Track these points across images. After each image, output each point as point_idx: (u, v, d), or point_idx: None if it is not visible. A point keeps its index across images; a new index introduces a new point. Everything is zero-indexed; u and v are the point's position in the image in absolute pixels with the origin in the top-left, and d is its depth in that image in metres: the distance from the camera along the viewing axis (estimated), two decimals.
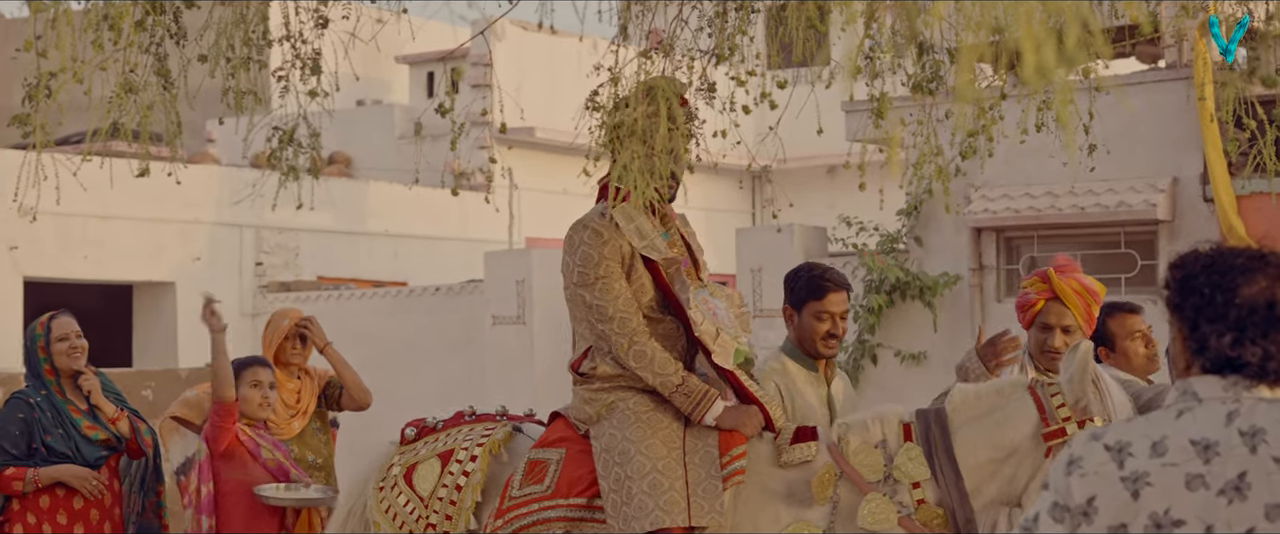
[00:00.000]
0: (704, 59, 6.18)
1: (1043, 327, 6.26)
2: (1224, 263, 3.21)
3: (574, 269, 5.76)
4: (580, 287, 5.74)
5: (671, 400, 5.66)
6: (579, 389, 5.86)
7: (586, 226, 5.79)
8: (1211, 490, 3.05)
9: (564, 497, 5.70)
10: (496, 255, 17.28)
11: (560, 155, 18.51)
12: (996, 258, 14.15)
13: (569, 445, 5.81)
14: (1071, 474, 3.16)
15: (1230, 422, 3.10)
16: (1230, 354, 3.15)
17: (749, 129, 6.15)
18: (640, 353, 5.65)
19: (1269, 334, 3.13)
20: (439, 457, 6.08)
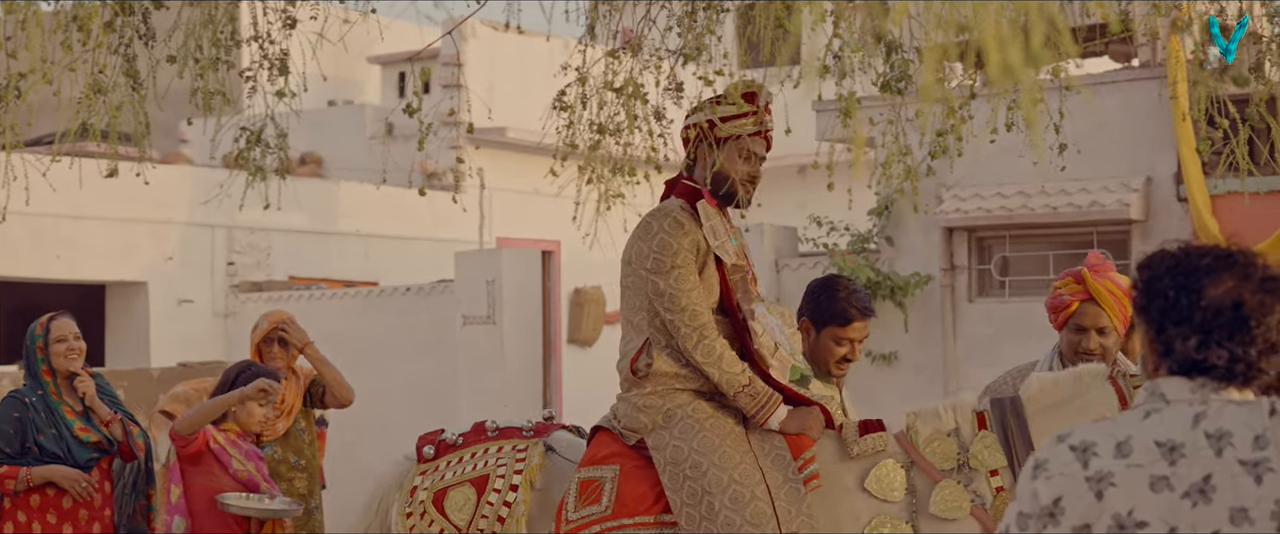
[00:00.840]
0: (672, 59, 6.17)
1: (1077, 328, 6.19)
2: (1189, 264, 3.19)
3: (649, 256, 5.53)
4: (654, 273, 5.51)
5: (736, 401, 5.47)
6: (630, 396, 5.63)
7: (667, 215, 5.58)
8: (1176, 492, 3.04)
9: (630, 515, 5.48)
10: (467, 255, 17.25)
11: (531, 155, 18.47)
12: (968, 258, 14.15)
13: (623, 461, 5.58)
14: (1036, 478, 3.15)
15: (1197, 424, 3.08)
16: (1196, 357, 3.13)
17: None
18: (709, 348, 5.44)
19: (1235, 336, 3.11)
20: (472, 483, 5.81)
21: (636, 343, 5.62)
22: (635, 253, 5.59)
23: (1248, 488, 3.01)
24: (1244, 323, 3.10)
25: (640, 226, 5.62)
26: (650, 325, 5.56)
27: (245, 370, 7.67)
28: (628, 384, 5.64)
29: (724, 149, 5.63)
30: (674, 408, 5.52)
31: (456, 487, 5.82)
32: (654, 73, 5.94)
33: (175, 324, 17.82)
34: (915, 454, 5.47)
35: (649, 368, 5.55)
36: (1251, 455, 3.03)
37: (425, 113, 6.34)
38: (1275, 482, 3.00)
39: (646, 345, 5.58)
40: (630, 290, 5.64)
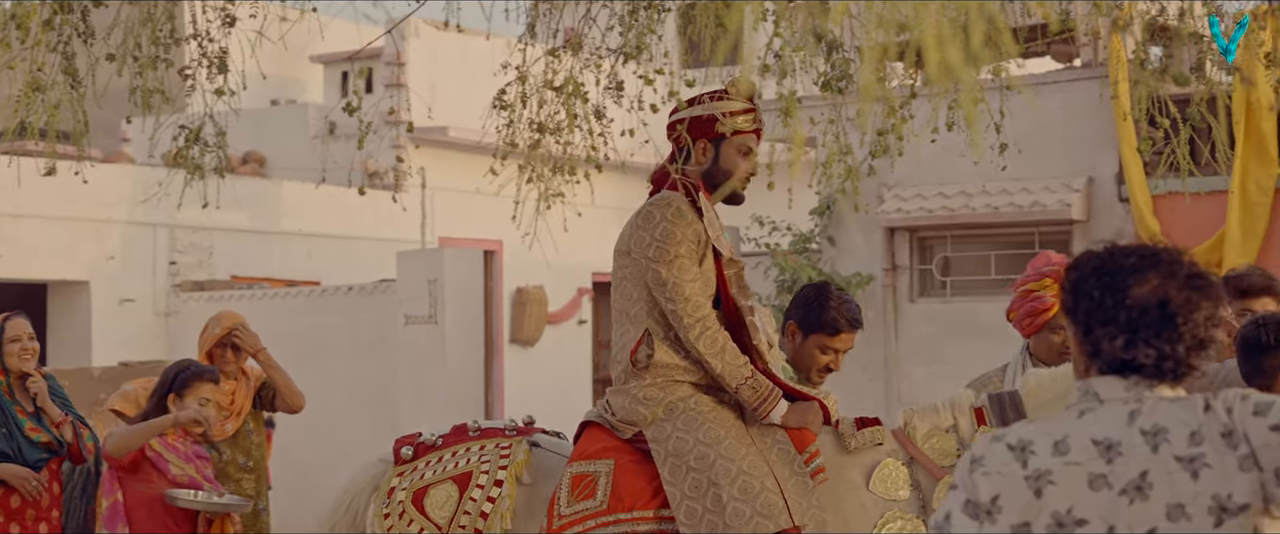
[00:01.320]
0: (613, 58, 6.16)
1: (1058, 328, 6.17)
2: (1114, 264, 3.21)
3: (651, 244, 5.44)
4: (656, 261, 5.42)
5: (738, 394, 5.42)
6: (628, 388, 5.54)
7: (670, 204, 5.48)
8: (1114, 490, 3.06)
9: (626, 510, 5.40)
10: (409, 255, 17.21)
11: (473, 154, 18.42)
12: (909, 258, 14.20)
13: (617, 455, 5.51)
14: (975, 472, 3.16)
15: (1132, 421, 3.10)
16: (1124, 356, 3.15)
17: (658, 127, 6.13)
18: (712, 339, 5.37)
19: (1162, 333, 3.13)
20: (454, 480, 5.72)
21: (634, 334, 5.54)
22: (636, 241, 5.51)
23: (1184, 484, 3.03)
24: (1170, 320, 3.13)
25: (641, 216, 5.52)
26: (649, 316, 5.50)
27: (183, 370, 7.62)
28: (625, 376, 5.56)
29: (724, 145, 5.59)
30: (675, 401, 5.47)
31: (437, 485, 5.73)
32: (594, 72, 5.92)
33: (117, 323, 17.71)
34: (914, 451, 5.46)
35: (649, 359, 5.49)
36: (1187, 452, 3.05)
37: (366, 112, 6.31)
38: (1211, 477, 3.02)
39: (646, 336, 5.51)
40: (628, 281, 5.56)
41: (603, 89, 5.88)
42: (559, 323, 20.36)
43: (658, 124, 5.87)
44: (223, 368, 8.22)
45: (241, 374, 8.38)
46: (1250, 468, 3.03)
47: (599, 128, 6.22)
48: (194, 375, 7.54)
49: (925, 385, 14.05)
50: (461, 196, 20.11)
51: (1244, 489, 3.01)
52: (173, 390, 7.49)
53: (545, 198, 6.75)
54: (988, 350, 13.68)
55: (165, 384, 7.57)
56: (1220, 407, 3.10)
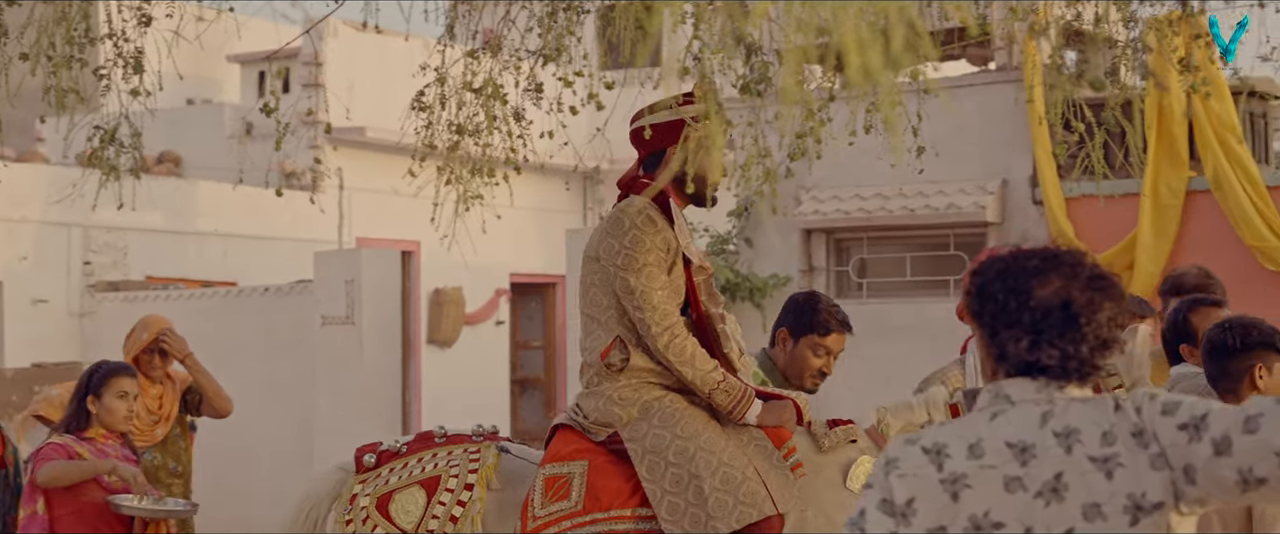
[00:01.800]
0: (532, 60, 6.15)
1: None
2: (1017, 266, 3.24)
3: (620, 251, 5.41)
4: (624, 269, 5.39)
5: (711, 399, 5.40)
6: (601, 389, 5.52)
7: (640, 211, 5.46)
8: (1029, 492, 3.08)
9: (603, 509, 5.38)
10: (326, 255, 17.11)
11: (390, 155, 18.35)
12: (826, 259, 14.24)
13: (591, 456, 5.48)
14: (890, 474, 3.18)
15: (1045, 423, 3.13)
16: (1029, 357, 3.18)
17: (577, 130, 6.12)
18: (681, 348, 5.35)
19: (1065, 334, 3.16)
20: (421, 485, 5.67)
21: (604, 339, 5.52)
22: (605, 248, 5.48)
23: (1099, 484, 3.06)
24: (1073, 321, 3.16)
25: (610, 222, 5.50)
26: (620, 323, 5.48)
27: (97, 370, 7.53)
28: (598, 378, 5.53)
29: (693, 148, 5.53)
30: (650, 400, 5.45)
31: (403, 490, 5.67)
32: (514, 74, 5.90)
33: (29, 324, 17.51)
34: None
35: (625, 362, 5.46)
36: (1100, 451, 3.08)
37: (284, 112, 6.27)
38: (1125, 476, 3.05)
39: (618, 341, 5.48)
40: (597, 287, 5.54)
41: (522, 91, 5.86)
42: (476, 324, 20.32)
43: (577, 126, 5.86)
44: (149, 373, 8.13)
45: (167, 379, 8.30)
46: (1162, 467, 3.07)
47: (518, 130, 6.21)
48: (109, 373, 7.45)
49: (841, 386, 14.06)
50: (379, 197, 20.03)
51: (1157, 487, 3.05)
52: (90, 392, 7.39)
53: (464, 199, 6.73)
54: (903, 351, 13.76)
55: (83, 388, 7.47)
56: (1130, 407, 3.14)
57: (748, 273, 14.25)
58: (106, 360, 7.73)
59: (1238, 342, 5.17)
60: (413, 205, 18.81)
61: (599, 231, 5.54)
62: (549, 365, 21.92)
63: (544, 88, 6.02)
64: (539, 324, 22.15)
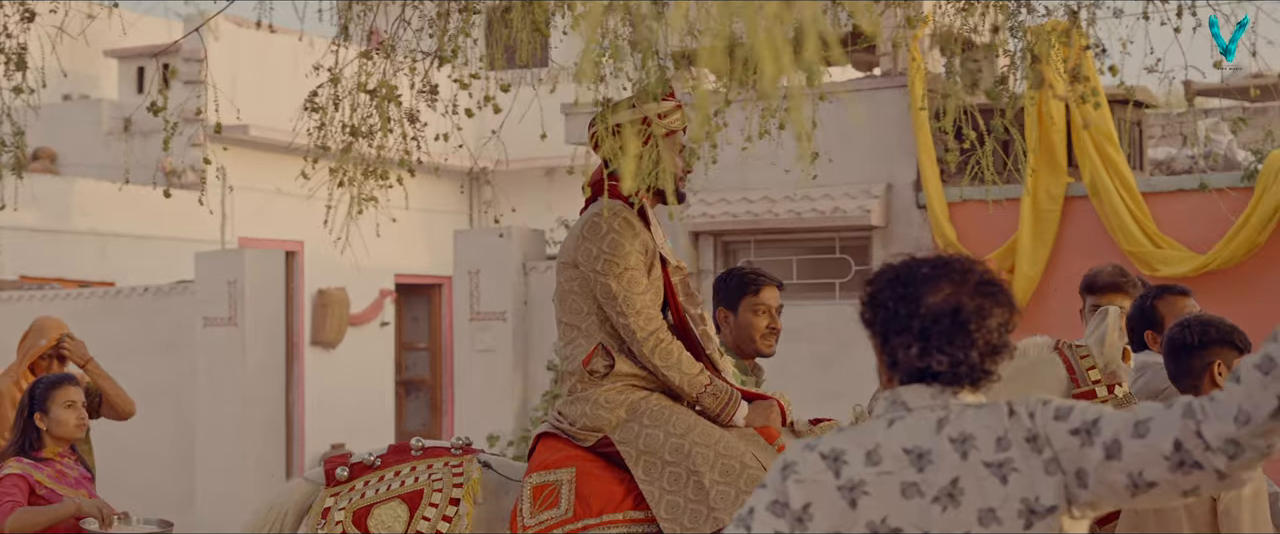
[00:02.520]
0: (427, 61, 6.11)
1: None
2: (908, 274, 3.28)
3: (599, 256, 5.38)
4: (605, 275, 5.35)
5: (699, 402, 5.39)
6: (587, 394, 5.46)
7: (617, 214, 5.45)
8: (926, 498, 3.11)
9: (595, 515, 5.32)
10: (207, 256, 16.95)
11: (274, 154, 18.20)
12: (714, 262, 14.27)
13: (578, 462, 5.43)
14: (787, 479, 3.20)
15: (940, 429, 3.16)
16: (919, 365, 3.22)
17: (468, 131, 6.08)
18: (666, 351, 5.33)
19: (954, 341, 3.19)
20: (402, 499, 5.55)
21: (584, 346, 5.46)
22: (583, 254, 5.43)
23: (994, 489, 3.09)
24: (963, 327, 3.19)
25: (588, 226, 5.45)
26: (602, 329, 5.43)
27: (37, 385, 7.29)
28: (580, 385, 5.47)
29: (662, 145, 5.51)
30: (637, 401, 5.41)
31: (382, 504, 5.56)
32: (409, 75, 5.86)
33: None
34: None
35: (609, 368, 5.42)
36: (995, 457, 3.12)
37: (168, 110, 6.18)
38: (1019, 481, 3.09)
39: (600, 348, 5.43)
40: (575, 293, 5.48)
41: (416, 92, 5.82)
42: (361, 325, 20.20)
43: (468, 128, 5.83)
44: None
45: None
46: (1055, 471, 3.11)
47: (412, 132, 6.17)
48: (51, 385, 7.24)
49: None
50: (262, 196, 19.84)
51: (1050, 491, 3.09)
52: (35, 410, 7.19)
53: (357, 201, 6.68)
54: (789, 351, 13.82)
55: (25, 407, 7.25)
56: (1023, 412, 3.18)
57: None
58: (44, 376, 7.53)
59: (1196, 339, 5.22)
60: (296, 204, 18.66)
61: (574, 236, 5.49)
62: (434, 367, 21.82)
63: (438, 89, 5.99)
64: (424, 325, 22.05)
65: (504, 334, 14.92)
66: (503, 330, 14.92)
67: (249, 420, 16.27)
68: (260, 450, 16.53)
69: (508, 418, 14.67)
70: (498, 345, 14.91)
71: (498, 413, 14.60)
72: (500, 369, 14.90)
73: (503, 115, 5.96)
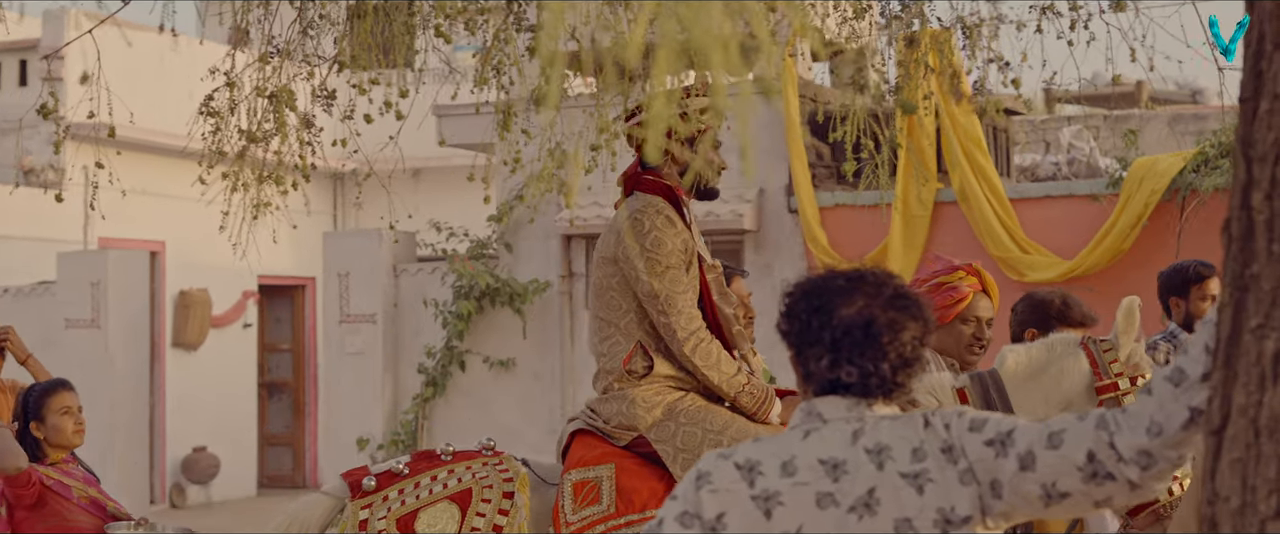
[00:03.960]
0: (326, 67, 6.05)
1: (970, 319, 6.21)
2: (824, 287, 3.29)
3: (642, 254, 5.33)
4: (647, 273, 5.31)
5: (737, 401, 5.39)
6: (624, 393, 5.41)
7: (658, 211, 5.40)
8: (841, 508, 3.13)
9: (638, 511, 5.28)
10: (70, 256, 16.67)
11: (137, 153, 17.90)
12: (586, 265, 14.28)
13: (617, 460, 5.39)
14: (701, 489, 3.21)
15: (856, 440, 3.18)
16: (830, 376, 3.24)
17: (331, 132, 6.02)
18: (707, 351, 5.32)
19: (865, 353, 3.22)
20: (452, 499, 5.49)
21: (623, 344, 5.43)
22: (624, 251, 5.38)
23: (910, 499, 3.12)
24: (875, 340, 3.22)
25: (630, 222, 5.38)
26: (640, 327, 5.40)
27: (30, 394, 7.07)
28: (619, 383, 5.44)
29: (699, 141, 5.49)
30: (673, 401, 5.38)
31: (430, 507, 5.49)
32: (305, 80, 5.80)
33: None
34: None
35: (648, 369, 5.40)
36: (911, 467, 3.14)
37: (19, 106, 6.08)
38: (935, 491, 3.12)
39: (639, 348, 5.40)
40: (614, 290, 5.44)
41: (311, 98, 5.76)
42: (223, 326, 19.97)
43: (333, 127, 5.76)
44: None
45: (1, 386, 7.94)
46: (970, 481, 3.14)
47: (308, 136, 6.10)
48: (44, 393, 7.02)
49: None
50: (126, 197, 19.52)
51: (965, 502, 3.12)
52: (31, 419, 6.97)
53: (252, 206, 6.59)
54: None
55: (20, 417, 7.02)
56: (939, 423, 3.20)
57: (507, 278, 14.23)
58: (34, 384, 7.30)
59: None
60: (159, 204, 18.46)
61: (614, 233, 5.46)
62: (297, 368, 21.61)
63: (336, 94, 5.93)
64: (288, 327, 21.82)
65: (374, 337, 14.82)
66: (373, 333, 14.82)
67: (115, 424, 16.02)
68: (125, 452, 16.30)
69: (377, 421, 14.57)
70: (367, 348, 14.81)
71: (367, 416, 14.51)
72: (370, 372, 14.80)
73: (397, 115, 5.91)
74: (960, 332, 6.20)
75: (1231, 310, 2.94)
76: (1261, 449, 2.83)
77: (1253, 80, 2.96)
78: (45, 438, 6.96)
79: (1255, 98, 2.94)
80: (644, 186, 5.48)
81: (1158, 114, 15.79)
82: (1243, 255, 2.93)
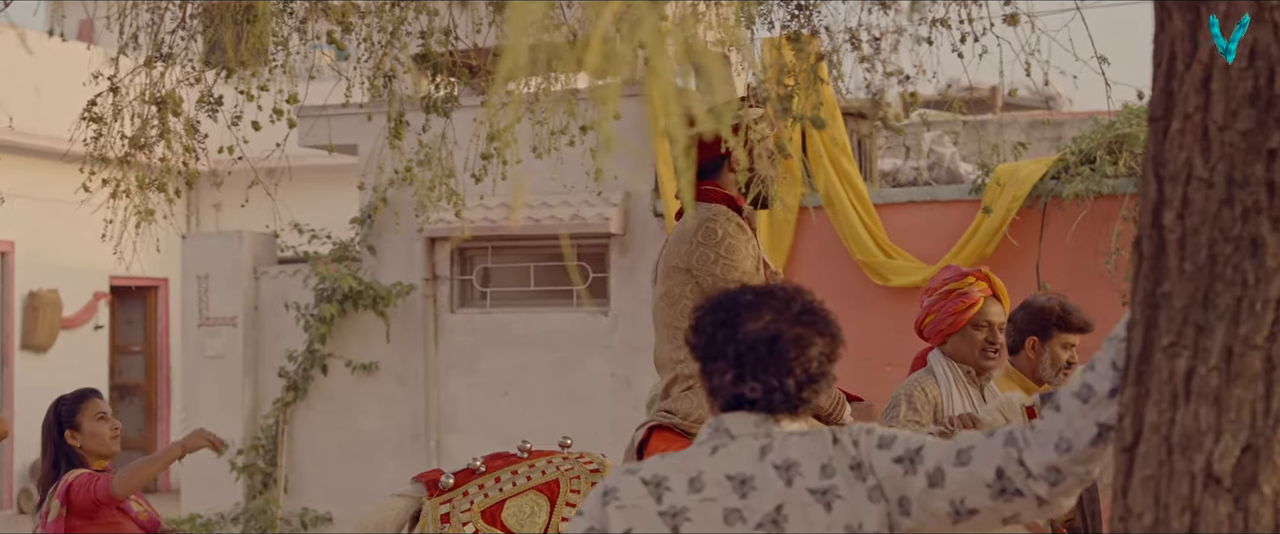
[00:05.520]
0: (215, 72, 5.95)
1: (982, 324, 6.29)
2: (731, 302, 3.30)
3: (717, 262, 5.41)
4: (723, 281, 5.36)
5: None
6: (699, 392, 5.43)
7: (730, 219, 5.49)
8: (749, 524, 3.12)
9: None
10: None
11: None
12: (450, 268, 14.20)
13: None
14: (608, 505, 3.19)
15: (764, 456, 3.18)
16: (733, 391, 3.23)
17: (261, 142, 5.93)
18: None
19: (769, 368, 3.22)
20: (539, 491, 5.58)
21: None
22: (698, 258, 5.45)
23: (819, 516, 3.12)
24: (780, 356, 3.21)
25: (702, 232, 5.46)
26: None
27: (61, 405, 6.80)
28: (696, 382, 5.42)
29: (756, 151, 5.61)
30: None
31: (517, 497, 5.58)
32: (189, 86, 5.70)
33: None
34: None
35: None
36: (820, 484, 3.14)
37: None
38: (844, 508, 3.12)
39: None
40: (688, 298, 5.49)
41: (196, 104, 5.66)
42: (74, 328, 19.64)
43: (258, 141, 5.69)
44: None
45: None
46: (878, 498, 3.15)
47: (192, 142, 6.00)
48: (76, 401, 6.75)
49: (464, 396, 14.09)
50: None
51: (873, 519, 3.13)
52: (66, 428, 6.69)
53: (136, 213, 6.46)
54: (525, 360, 13.84)
55: (54, 429, 6.73)
56: (847, 440, 3.21)
57: (371, 281, 14.11)
58: (61, 395, 7.01)
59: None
60: (8, 204, 18.05)
61: (687, 241, 5.52)
62: (150, 370, 21.30)
63: (223, 100, 5.84)
64: (140, 328, 21.50)
65: (234, 340, 14.63)
66: (233, 336, 14.63)
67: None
68: None
69: (237, 425, 14.38)
70: (227, 352, 14.61)
71: (226, 420, 14.29)
72: (230, 376, 14.61)
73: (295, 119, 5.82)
74: (973, 337, 6.30)
75: (1142, 328, 2.97)
76: (1174, 466, 2.87)
77: (1163, 100, 2.99)
78: (82, 446, 6.72)
79: (1166, 117, 2.97)
80: (705, 197, 5.59)
81: (1016, 120, 15.98)
82: (1154, 273, 2.96)
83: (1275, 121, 2.81)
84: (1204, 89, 2.89)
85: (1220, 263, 2.85)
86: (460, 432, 14.06)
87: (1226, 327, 2.83)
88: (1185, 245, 2.90)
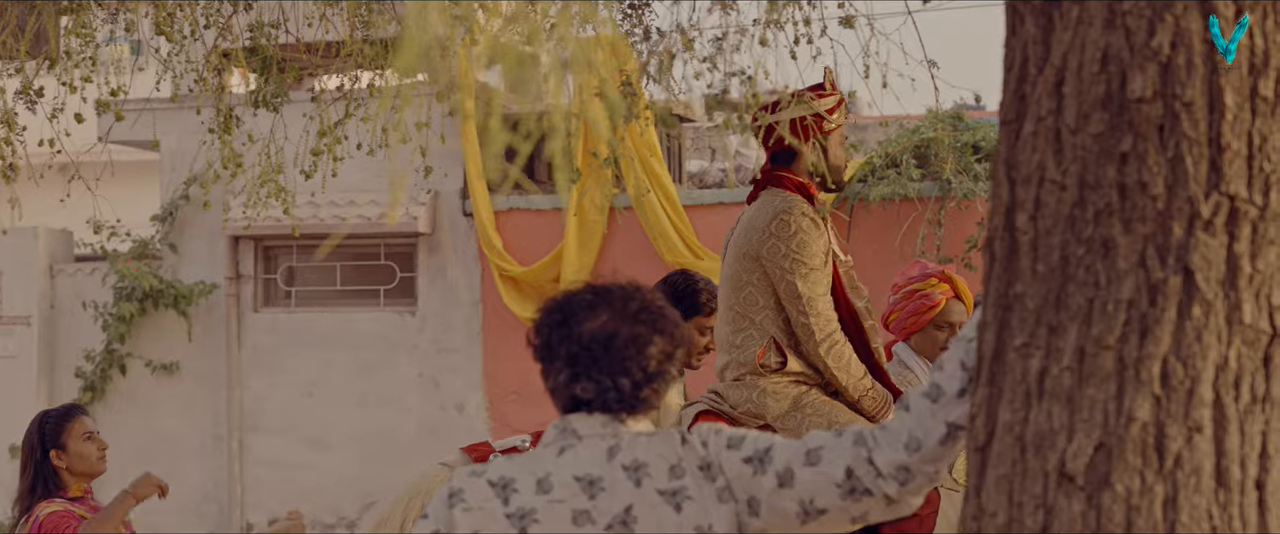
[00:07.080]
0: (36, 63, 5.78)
1: (944, 325, 6.42)
2: (568, 302, 3.27)
3: (788, 255, 5.47)
4: (792, 274, 5.46)
5: (861, 403, 5.56)
6: (753, 382, 5.56)
7: (803, 211, 5.53)
8: (598, 525, 3.11)
9: None
10: None
11: None
12: (254, 267, 14.02)
13: None
14: (454, 507, 3.16)
15: (612, 457, 3.16)
16: (568, 391, 3.22)
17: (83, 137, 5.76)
18: (840, 354, 5.52)
19: (603, 368, 3.20)
20: None
21: (757, 339, 5.57)
22: (769, 250, 5.52)
23: (668, 517, 3.11)
24: (616, 355, 3.20)
25: (775, 223, 5.52)
26: (774, 324, 5.55)
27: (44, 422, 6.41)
28: (750, 375, 5.60)
29: (830, 140, 5.66)
30: (799, 394, 5.56)
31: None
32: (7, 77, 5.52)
33: None
34: None
35: (781, 365, 5.55)
36: (669, 485, 3.13)
37: None
38: (693, 509, 3.12)
39: (773, 344, 5.55)
40: (753, 287, 5.56)
41: (13, 96, 5.49)
42: None
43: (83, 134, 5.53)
44: None
45: None
46: (728, 499, 3.14)
47: (12, 136, 5.82)
48: (61, 418, 6.35)
49: (267, 396, 13.92)
50: None
51: (723, 519, 3.13)
52: (50, 447, 6.29)
53: None
54: (328, 359, 13.70)
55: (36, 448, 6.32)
56: (696, 441, 3.21)
57: (172, 280, 13.85)
58: (44, 411, 6.61)
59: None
60: None
61: (758, 230, 5.55)
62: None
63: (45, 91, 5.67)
64: None
65: (29, 339, 14.27)
66: (27, 336, 14.27)
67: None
68: None
69: None
70: (21, 351, 14.26)
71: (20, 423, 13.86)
72: (24, 376, 14.26)
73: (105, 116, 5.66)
74: (934, 336, 6.47)
75: (995, 328, 2.99)
76: (1027, 465, 2.89)
77: (1015, 103, 3.01)
78: (67, 467, 6.33)
79: (1018, 121, 3.00)
80: (778, 183, 5.65)
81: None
82: (1007, 275, 2.99)
83: (1127, 125, 2.85)
84: (1056, 92, 2.93)
85: (1073, 264, 2.88)
86: (263, 432, 13.88)
87: (1079, 327, 2.86)
88: (1038, 247, 2.93)
